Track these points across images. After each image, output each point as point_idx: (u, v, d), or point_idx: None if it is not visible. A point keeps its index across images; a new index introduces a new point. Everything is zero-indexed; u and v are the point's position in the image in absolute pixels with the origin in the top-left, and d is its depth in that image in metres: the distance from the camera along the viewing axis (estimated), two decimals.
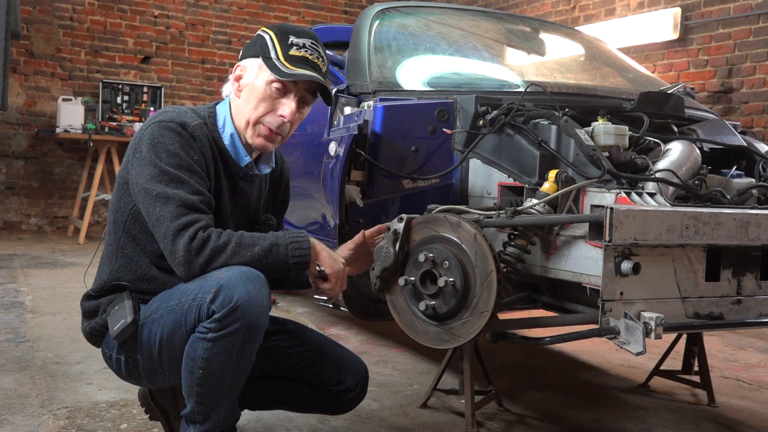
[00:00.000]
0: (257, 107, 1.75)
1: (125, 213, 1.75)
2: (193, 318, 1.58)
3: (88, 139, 6.23)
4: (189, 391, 1.61)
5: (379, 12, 2.80)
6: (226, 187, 1.79)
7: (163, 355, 1.68)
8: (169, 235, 1.59)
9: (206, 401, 1.61)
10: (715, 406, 2.69)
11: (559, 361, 3.29)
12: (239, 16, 7.78)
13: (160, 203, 1.61)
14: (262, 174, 1.89)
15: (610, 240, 1.58)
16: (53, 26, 7.00)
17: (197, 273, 1.60)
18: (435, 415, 2.44)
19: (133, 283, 1.76)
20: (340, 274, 1.73)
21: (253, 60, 1.76)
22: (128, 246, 1.76)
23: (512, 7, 7.34)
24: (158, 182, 1.63)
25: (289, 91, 1.75)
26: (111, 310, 1.73)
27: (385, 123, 2.18)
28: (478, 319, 1.73)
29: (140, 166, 1.66)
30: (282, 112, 1.75)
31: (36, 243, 6.28)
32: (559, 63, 3.14)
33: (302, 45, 1.75)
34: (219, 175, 1.77)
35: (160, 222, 1.61)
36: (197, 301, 1.56)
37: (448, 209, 1.89)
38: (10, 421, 2.20)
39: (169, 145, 1.66)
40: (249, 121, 1.76)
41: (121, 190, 1.76)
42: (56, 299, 4.00)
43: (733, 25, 5.28)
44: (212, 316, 1.54)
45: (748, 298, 1.82)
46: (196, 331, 1.57)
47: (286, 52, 1.73)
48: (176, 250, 1.59)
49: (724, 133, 2.38)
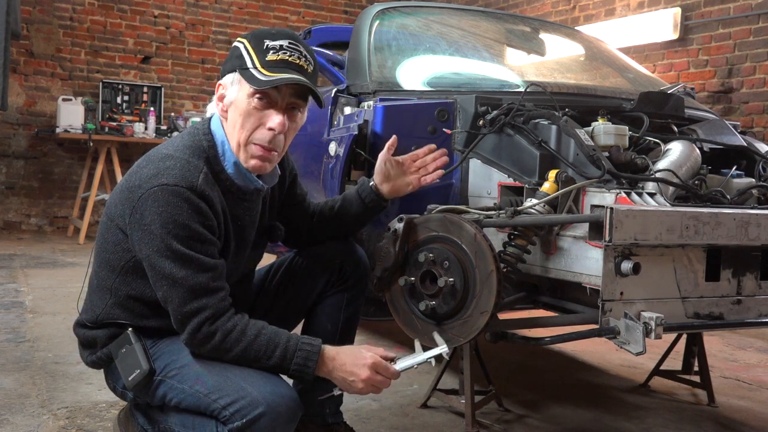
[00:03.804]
0: (243, 125, 1.60)
1: (123, 259, 1.63)
2: (213, 416, 1.53)
3: (88, 139, 6.23)
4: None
5: (379, 12, 2.80)
6: (231, 228, 1.68)
7: (176, 416, 1.64)
8: (177, 318, 1.54)
9: None
10: (715, 406, 2.69)
11: (559, 361, 3.29)
12: (239, 16, 7.78)
13: (167, 283, 1.53)
14: (270, 186, 1.78)
15: (610, 240, 1.58)
16: (53, 26, 7.00)
17: (198, 354, 1.57)
18: (435, 415, 2.44)
19: (130, 320, 1.67)
20: (358, 390, 1.59)
21: (231, 75, 1.62)
22: (123, 288, 1.65)
23: (512, 7, 7.34)
24: (165, 258, 1.51)
25: (274, 100, 1.61)
26: (119, 353, 1.64)
27: (385, 123, 2.18)
28: (478, 319, 1.73)
29: (143, 235, 1.53)
30: (270, 124, 1.60)
31: (36, 243, 6.28)
32: (559, 63, 3.14)
33: (279, 48, 1.59)
34: (227, 220, 1.65)
35: (167, 302, 1.55)
36: (218, 405, 1.51)
37: (448, 209, 1.89)
38: (10, 421, 2.20)
39: (177, 215, 1.51)
40: (240, 143, 1.62)
41: (115, 233, 1.63)
42: (56, 299, 4.00)
43: (733, 25, 5.28)
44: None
45: (748, 298, 1.82)
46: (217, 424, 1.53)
47: (263, 59, 1.58)
48: (182, 331, 1.55)
49: (724, 133, 2.37)
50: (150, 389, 1.63)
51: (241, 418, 1.47)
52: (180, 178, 1.53)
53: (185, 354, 1.61)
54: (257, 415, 1.45)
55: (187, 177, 1.54)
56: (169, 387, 1.60)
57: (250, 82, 1.58)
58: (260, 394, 1.47)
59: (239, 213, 1.70)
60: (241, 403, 1.47)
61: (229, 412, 1.48)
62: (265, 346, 1.54)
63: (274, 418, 1.47)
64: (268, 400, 1.47)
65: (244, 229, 1.73)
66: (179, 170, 1.54)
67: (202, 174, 1.57)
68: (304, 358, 1.55)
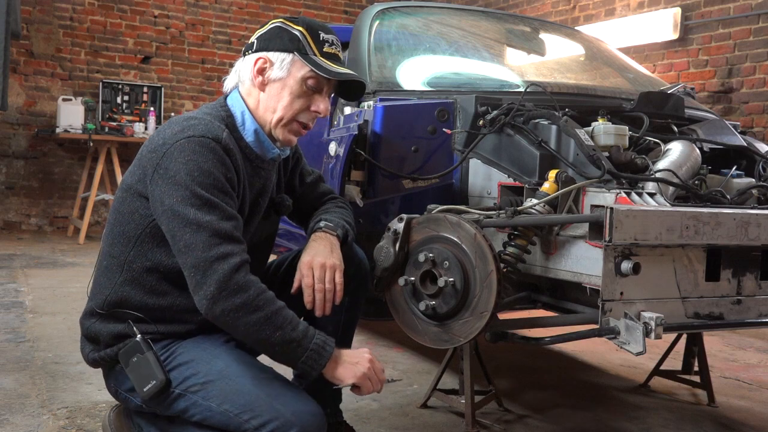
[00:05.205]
0: (292, 104, 1.70)
1: (140, 227, 1.64)
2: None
3: (88, 139, 6.24)
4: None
5: (379, 12, 2.80)
6: (248, 193, 1.72)
7: (198, 430, 1.62)
8: (201, 266, 1.49)
9: None
10: (715, 406, 2.69)
11: (559, 361, 3.29)
12: (239, 16, 7.78)
13: (190, 229, 1.51)
14: (286, 155, 1.84)
15: (610, 240, 1.58)
16: (53, 26, 7.00)
17: (217, 316, 1.50)
18: (435, 415, 2.44)
19: (138, 298, 1.65)
20: (362, 373, 1.59)
21: (284, 54, 1.70)
22: (138, 260, 1.65)
23: (512, 7, 7.34)
24: (190, 206, 1.51)
25: (321, 86, 1.72)
26: (129, 361, 1.61)
27: (385, 123, 2.18)
28: (478, 319, 1.73)
29: (167, 186, 1.54)
30: (316, 107, 1.72)
31: (36, 243, 6.28)
32: (559, 63, 3.14)
33: (332, 42, 1.73)
34: (244, 184, 1.69)
35: (189, 250, 1.50)
36: (250, 425, 1.50)
37: (448, 209, 1.89)
38: (10, 421, 2.20)
39: (203, 162, 1.55)
40: (283, 117, 1.71)
41: (132, 201, 1.65)
42: (56, 299, 4.00)
43: (733, 25, 5.28)
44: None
45: (748, 298, 1.82)
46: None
47: (320, 49, 1.70)
48: (207, 283, 1.48)
49: (724, 133, 2.37)
50: (166, 401, 1.62)
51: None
52: (206, 131, 1.59)
53: (207, 366, 1.59)
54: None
55: (213, 131, 1.60)
56: (191, 402, 1.58)
57: (317, 68, 1.67)
58: (293, 415, 1.48)
59: (256, 181, 1.75)
60: (275, 424, 1.47)
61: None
62: (291, 317, 1.54)
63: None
64: (301, 421, 1.48)
65: (258, 196, 1.77)
66: (204, 125, 1.61)
67: (225, 132, 1.63)
68: (323, 339, 1.56)
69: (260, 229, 1.84)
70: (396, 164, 2.20)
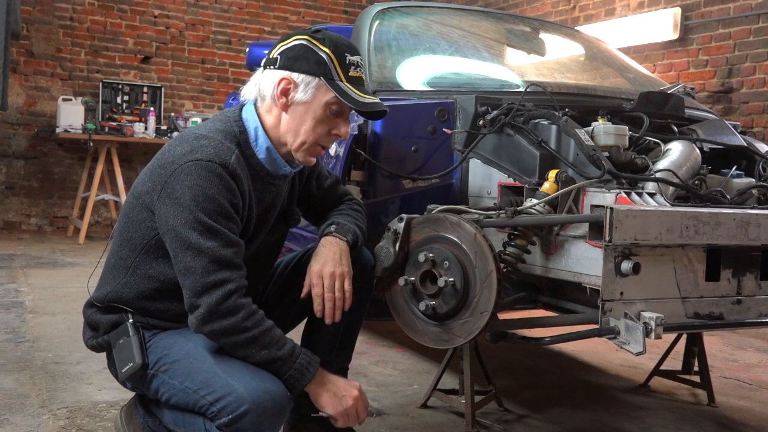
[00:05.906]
0: (315, 128, 1.69)
1: (146, 237, 1.67)
2: (201, 412, 1.55)
3: (88, 139, 6.23)
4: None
5: (379, 12, 2.80)
6: (255, 210, 1.72)
7: (168, 413, 1.67)
8: (197, 289, 1.53)
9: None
10: (715, 406, 2.69)
11: (559, 361, 3.29)
12: (239, 16, 7.78)
13: (191, 253, 1.54)
14: (298, 169, 1.84)
15: (610, 240, 1.58)
16: (53, 26, 7.00)
17: (205, 334, 1.55)
18: (435, 415, 2.44)
19: (135, 300, 1.70)
20: (345, 408, 1.62)
21: (309, 77, 1.67)
22: (142, 267, 1.69)
23: (512, 7, 7.34)
24: (192, 230, 1.54)
25: (345, 110, 1.71)
26: (116, 342, 1.68)
27: (385, 123, 2.18)
28: (478, 319, 1.73)
29: (173, 207, 1.57)
30: (338, 131, 1.71)
31: (36, 243, 6.28)
32: (559, 63, 3.14)
33: (357, 63, 1.70)
34: (251, 202, 1.69)
35: (189, 272, 1.54)
36: (206, 401, 1.53)
37: (448, 209, 1.89)
38: (10, 421, 2.20)
39: (208, 188, 1.56)
40: (305, 142, 1.70)
41: (140, 211, 1.67)
42: (56, 299, 4.00)
43: (733, 25, 5.28)
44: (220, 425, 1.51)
45: (748, 298, 1.82)
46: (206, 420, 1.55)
47: (346, 73, 1.68)
48: (200, 306, 1.52)
49: (724, 133, 2.37)
50: (144, 382, 1.67)
51: (227, 415, 1.48)
52: (214, 155, 1.59)
53: (178, 348, 1.63)
54: (243, 412, 1.47)
55: (221, 155, 1.60)
56: (161, 382, 1.63)
57: (347, 100, 1.66)
58: (246, 391, 1.49)
59: (265, 196, 1.75)
60: (228, 400, 1.49)
61: (216, 409, 1.50)
62: (279, 337, 1.58)
63: (260, 414, 1.48)
64: (254, 397, 1.48)
65: (267, 211, 1.78)
66: (213, 149, 1.60)
67: (234, 155, 1.63)
68: (307, 361, 1.60)
69: (268, 238, 1.85)
70: (396, 164, 2.20)
